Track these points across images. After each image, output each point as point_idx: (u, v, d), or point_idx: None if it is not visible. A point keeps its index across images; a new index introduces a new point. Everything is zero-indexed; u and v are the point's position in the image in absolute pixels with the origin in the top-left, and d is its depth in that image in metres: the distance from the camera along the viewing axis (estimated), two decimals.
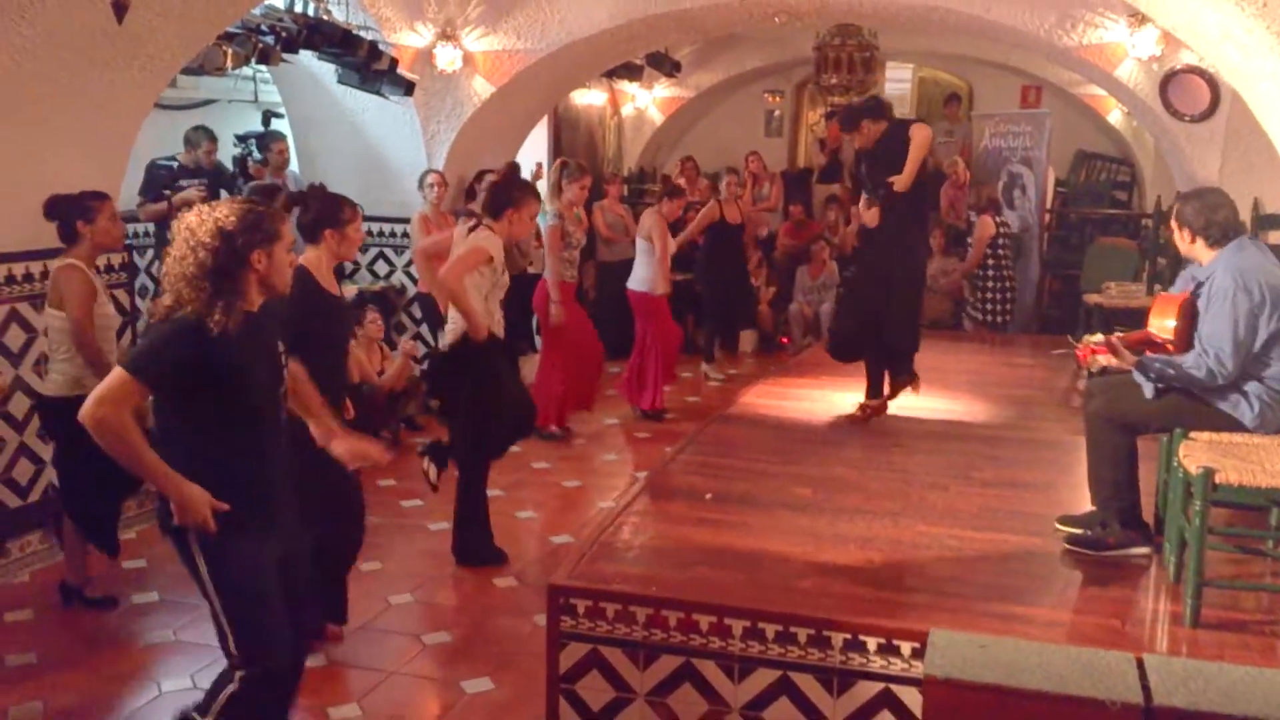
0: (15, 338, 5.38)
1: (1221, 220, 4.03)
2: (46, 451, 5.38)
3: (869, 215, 5.98)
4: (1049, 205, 11.20)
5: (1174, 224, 4.17)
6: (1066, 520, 4.30)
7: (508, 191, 5.44)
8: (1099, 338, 4.25)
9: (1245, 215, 7.09)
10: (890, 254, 6.01)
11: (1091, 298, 8.19)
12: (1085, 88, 11.13)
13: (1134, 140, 11.87)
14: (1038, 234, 10.24)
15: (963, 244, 10.79)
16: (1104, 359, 4.19)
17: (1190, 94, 7.59)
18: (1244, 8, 3.25)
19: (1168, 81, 7.67)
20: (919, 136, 5.79)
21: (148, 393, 3.01)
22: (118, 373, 3.00)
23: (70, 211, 4.82)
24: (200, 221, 3.07)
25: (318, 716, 4.00)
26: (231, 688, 3.17)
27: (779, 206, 12.37)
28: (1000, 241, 9.36)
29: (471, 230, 5.29)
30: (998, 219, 9.43)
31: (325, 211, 4.36)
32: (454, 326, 5.27)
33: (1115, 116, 11.73)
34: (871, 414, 6.22)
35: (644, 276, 8.23)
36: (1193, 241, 4.09)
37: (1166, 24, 4.26)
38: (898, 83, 14.47)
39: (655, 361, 8.26)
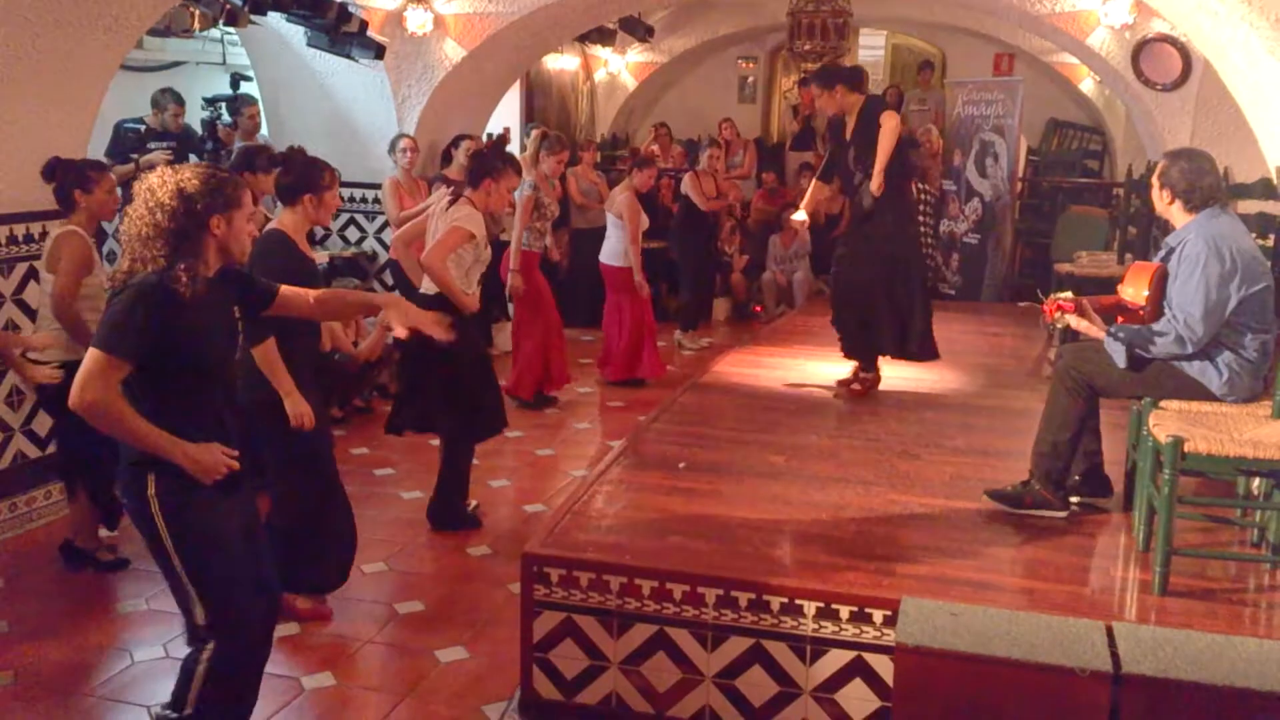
0: None
1: (1205, 186, 4.01)
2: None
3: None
4: (1021, 174, 11.23)
5: (1156, 181, 4.13)
6: (993, 494, 4.38)
7: (490, 160, 5.39)
8: (1068, 294, 4.23)
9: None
10: (884, 233, 5.87)
11: (1063, 266, 8.22)
12: (1058, 56, 11.15)
13: (1106, 109, 11.91)
14: (1010, 202, 10.25)
15: (940, 214, 10.84)
16: (1071, 318, 4.18)
17: (1162, 63, 7.61)
18: None
19: (1140, 50, 7.69)
20: (889, 125, 5.62)
21: (128, 366, 2.95)
22: (92, 353, 2.94)
23: (69, 179, 4.77)
24: (161, 183, 3.03)
25: (291, 685, 3.99)
26: (202, 668, 3.13)
27: (752, 174, 12.34)
28: (922, 208, 9.40)
29: (451, 203, 5.24)
30: (920, 185, 9.46)
31: (306, 176, 4.33)
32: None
33: (1087, 85, 11.76)
34: (870, 387, 6.18)
35: (617, 250, 8.20)
36: (1171, 202, 4.07)
37: None
38: (871, 49, 14.46)
39: (628, 334, 8.24)
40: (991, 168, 10.32)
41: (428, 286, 5.26)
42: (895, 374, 6.42)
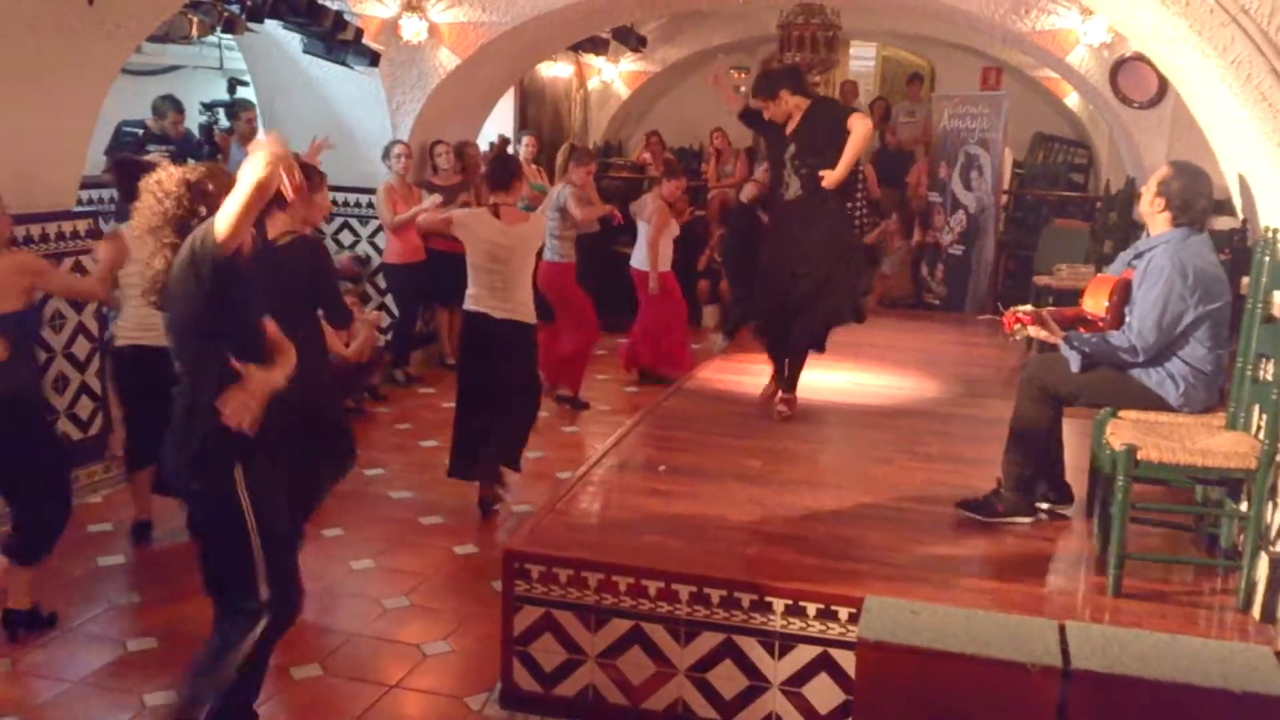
0: None
1: (1198, 207, 4.14)
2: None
3: (746, 191, 5.99)
4: (1007, 186, 11.41)
5: (1154, 186, 4.21)
6: (966, 505, 4.53)
7: (516, 165, 5.89)
8: (1026, 307, 4.35)
9: None
10: (810, 235, 5.67)
11: (1041, 279, 8.39)
12: (1044, 71, 11.31)
13: (1090, 124, 12.09)
14: (994, 214, 10.43)
15: (929, 225, 11.03)
16: (1033, 329, 4.31)
17: (1139, 81, 7.79)
18: (1168, 5, 3.41)
19: (1118, 68, 7.86)
20: (861, 129, 5.43)
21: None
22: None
23: (136, 175, 4.93)
24: (168, 175, 3.26)
25: (281, 675, 4.12)
26: (252, 638, 3.28)
27: (742, 183, 12.48)
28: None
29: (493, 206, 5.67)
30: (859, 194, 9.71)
31: None
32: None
33: (1073, 100, 11.93)
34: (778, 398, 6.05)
35: (641, 256, 8.45)
36: (1161, 211, 4.16)
37: (1108, 18, 4.43)
38: (862, 60, 14.64)
39: (674, 331, 8.56)
40: (976, 180, 10.50)
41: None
42: (874, 382, 6.59)
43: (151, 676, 4.10)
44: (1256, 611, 3.74)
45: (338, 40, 7.58)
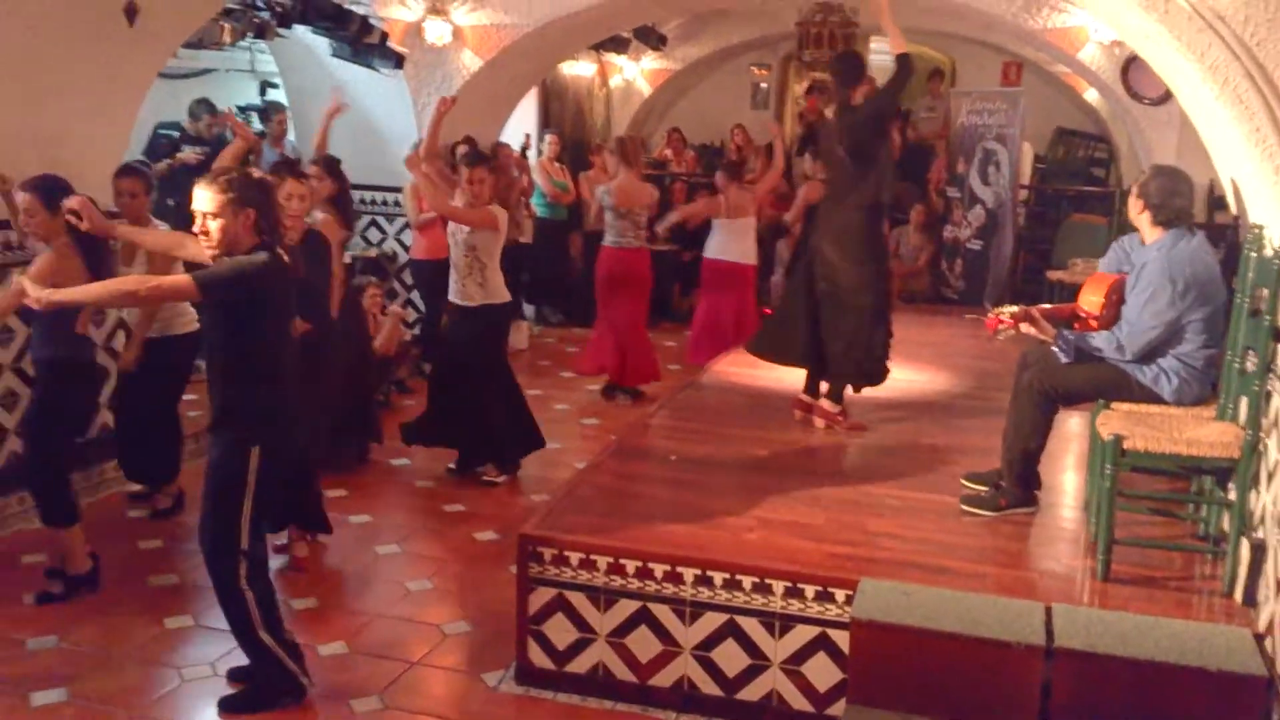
0: None
1: (1175, 206, 4.27)
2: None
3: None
4: (1026, 181, 11.50)
5: (1135, 189, 4.41)
6: (971, 477, 4.71)
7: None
8: (1011, 309, 4.44)
9: (1201, 198, 7.39)
10: (841, 255, 5.57)
11: (1055, 273, 8.50)
12: (1063, 66, 11.40)
13: (1111, 119, 12.14)
14: (1011, 209, 10.54)
15: (945, 222, 11.15)
16: (1024, 327, 4.39)
17: (1149, 78, 7.87)
18: (1149, 13, 3.56)
19: (1128, 65, 7.96)
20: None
21: None
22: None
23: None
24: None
25: (309, 652, 4.31)
26: (247, 585, 3.80)
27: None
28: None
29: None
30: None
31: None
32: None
33: (1092, 95, 12.00)
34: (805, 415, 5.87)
35: (742, 249, 8.67)
36: (1141, 212, 4.34)
37: (1103, 20, 4.56)
38: (881, 55, 14.69)
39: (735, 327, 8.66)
40: (994, 175, 10.60)
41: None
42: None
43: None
44: (1239, 595, 3.89)
45: (364, 44, 7.81)
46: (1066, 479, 5.11)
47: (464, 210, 5.98)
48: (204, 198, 3.65)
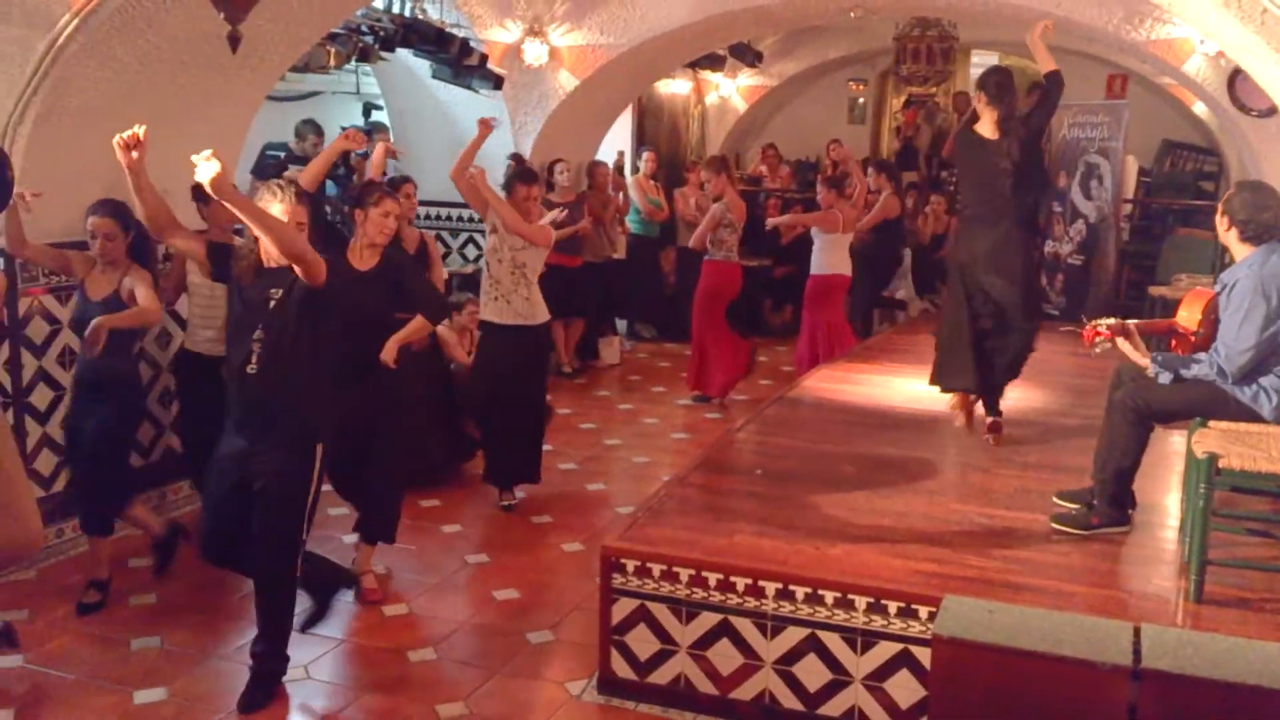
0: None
1: (1264, 220, 4.18)
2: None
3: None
4: (1130, 195, 11.24)
5: (1220, 208, 4.33)
6: (1064, 495, 4.64)
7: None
8: (1109, 321, 4.37)
9: None
10: (1003, 276, 5.51)
11: (1158, 289, 8.29)
12: (1170, 78, 11.12)
13: (1220, 131, 11.81)
14: (1114, 224, 10.31)
15: (1048, 234, 10.94)
16: (1119, 342, 4.32)
17: (1257, 89, 7.64)
18: (1245, 24, 3.49)
19: (1235, 77, 7.74)
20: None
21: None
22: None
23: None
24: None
25: (399, 658, 4.48)
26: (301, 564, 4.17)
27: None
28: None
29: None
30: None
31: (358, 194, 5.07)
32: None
33: (1200, 107, 11.68)
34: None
35: (844, 261, 8.62)
36: (1228, 230, 4.25)
37: (1204, 33, 4.47)
38: (983, 68, 14.51)
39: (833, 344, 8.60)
40: (1096, 190, 10.40)
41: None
42: None
43: None
44: None
45: (464, 66, 8.00)
46: (1168, 499, 4.99)
47: (532, 227, 6.00)
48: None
